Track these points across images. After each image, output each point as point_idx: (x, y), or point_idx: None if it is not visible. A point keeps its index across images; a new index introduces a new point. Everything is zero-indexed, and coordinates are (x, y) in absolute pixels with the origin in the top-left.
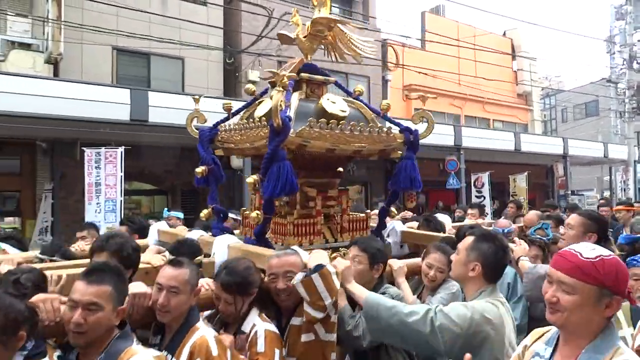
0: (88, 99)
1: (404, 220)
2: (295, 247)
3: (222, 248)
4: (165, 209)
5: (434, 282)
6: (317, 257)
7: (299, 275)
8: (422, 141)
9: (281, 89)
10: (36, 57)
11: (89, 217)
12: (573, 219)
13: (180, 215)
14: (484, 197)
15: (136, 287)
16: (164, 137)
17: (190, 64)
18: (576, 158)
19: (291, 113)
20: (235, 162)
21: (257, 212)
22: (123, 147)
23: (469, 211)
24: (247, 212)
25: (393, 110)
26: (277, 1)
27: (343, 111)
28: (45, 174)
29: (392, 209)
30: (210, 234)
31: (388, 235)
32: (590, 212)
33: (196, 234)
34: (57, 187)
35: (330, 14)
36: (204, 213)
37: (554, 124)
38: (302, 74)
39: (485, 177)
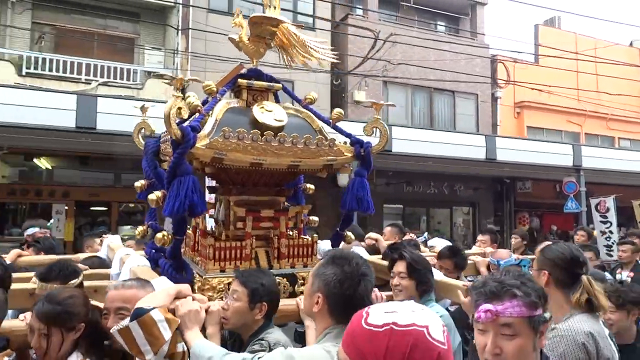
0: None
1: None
2: (158, 279)
3: (126, 270)
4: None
5: None
6: (152, 296)
7: (125, 321)
8: (535, 161)
9: (179, 93)
10: (167, 84)
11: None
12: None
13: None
14: (610, 223)
15: None
16: None
17: (300, 86)
18: None
19: (210, 123)
20: (342, 179)
21: (164, 232)
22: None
23: (479, 237)
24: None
25: (504, 129)
26: (383, 23)
27: (279, 120)
28: None
29: (348, 233)
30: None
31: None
32: (549, 247)
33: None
34: None
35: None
36: (139, 230)
37: None
38: (240, 80)
39: (610, 201)
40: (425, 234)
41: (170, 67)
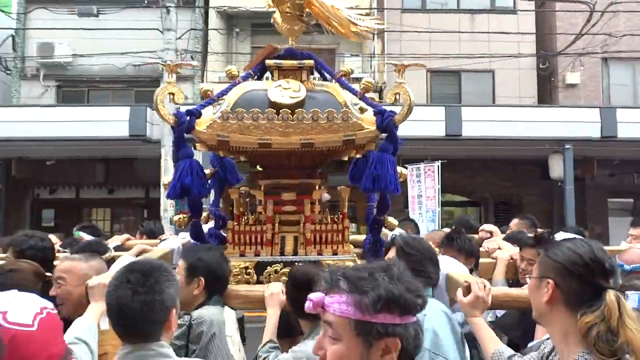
0: (407, 120)
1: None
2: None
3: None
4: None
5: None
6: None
7: None
8: None
9: (172, 79)
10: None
11: None
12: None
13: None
14: None
15: None
16: (478, 149)
17: (501, 75)
18: None
19: (222, 107)
20: (556, 171)
21: (182, 215)
22: (439, 161)
23: (631, 231)
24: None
25: None
26: None
27: (294, 97)
28: None
29: (390, 219)
30: None
31: None
32: (559, 245)
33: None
34: None
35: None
36: (203, 217)
37: None
38: (267, 62)
39: None
40: None
41: (368, 71)
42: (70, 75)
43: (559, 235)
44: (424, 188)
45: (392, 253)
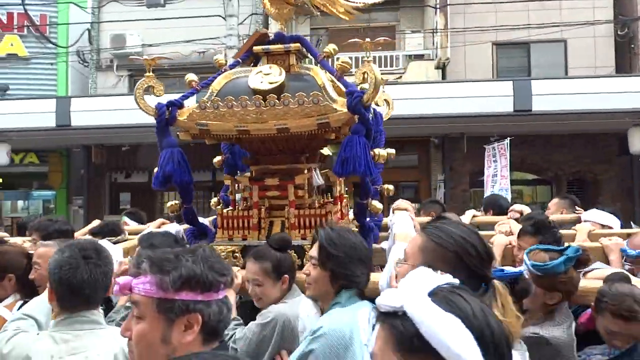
0: (472, 96)
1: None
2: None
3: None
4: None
5: (261, 301)
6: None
7: None
8: None
9: (151, 74)
10: (428, 65)
11: None
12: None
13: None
14: None
15: None
16: (548, 125)
17: (573, 45)
18: None
19: (205, 96)
20: (636, 145)
21: (176, 201)
22: (509, 138)
23: None
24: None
25: None
26: None
27: (273, 83)
28: (437, 166)
29: (374, 202)
30: None
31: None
32: (441, 226)
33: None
34: (447, 177)
35: None
36: (213, 202)
37: None
38: (255, 48)
39: None
40: None
41: (430, 47)
42: (140, 64)
43: (592, 214)
44: (499, 167)
45: (313, 250)
